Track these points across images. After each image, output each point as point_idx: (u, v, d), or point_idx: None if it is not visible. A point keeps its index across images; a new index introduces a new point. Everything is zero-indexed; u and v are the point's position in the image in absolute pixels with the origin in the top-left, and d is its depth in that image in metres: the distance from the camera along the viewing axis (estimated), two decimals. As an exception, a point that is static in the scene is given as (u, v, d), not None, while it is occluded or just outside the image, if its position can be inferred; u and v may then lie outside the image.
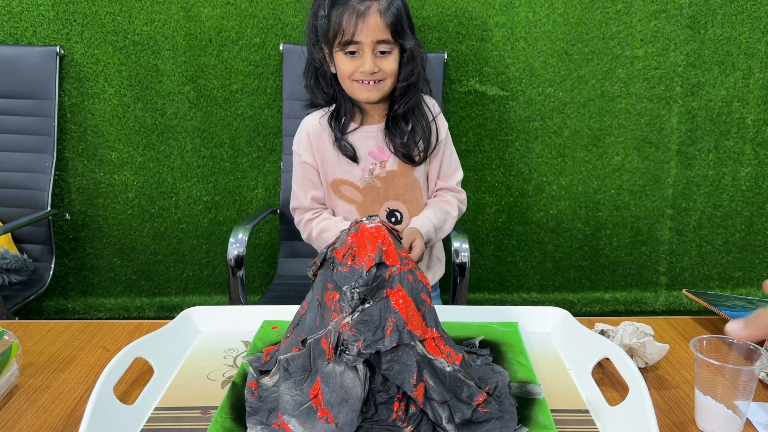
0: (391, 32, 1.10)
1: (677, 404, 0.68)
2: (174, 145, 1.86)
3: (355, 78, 1.12)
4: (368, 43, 1.09)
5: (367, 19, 1.07)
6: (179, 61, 1.78)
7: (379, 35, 1.09)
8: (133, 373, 0.72)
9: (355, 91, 1.14)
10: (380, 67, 1.11)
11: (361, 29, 1.07)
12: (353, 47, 1.10)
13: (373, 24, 1.08)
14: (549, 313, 0.83)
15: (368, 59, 1.09)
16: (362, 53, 1.10)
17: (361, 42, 1.09)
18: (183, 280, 2.02)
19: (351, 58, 1.11)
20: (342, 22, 1.08)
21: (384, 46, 1.10)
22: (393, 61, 1.12)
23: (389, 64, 1.12)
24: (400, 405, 0.58)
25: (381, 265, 0.60)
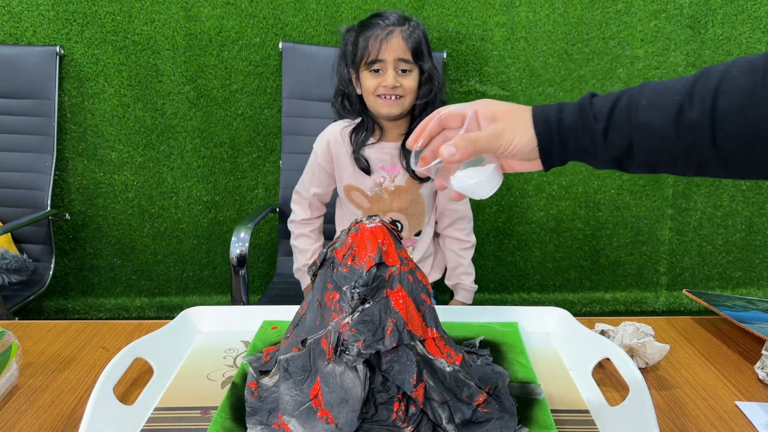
0: (411, 53, 1.21)
1: (678, 404, 0.67)
2: (174, 145, 1.86)
3: (378, 93, 1.22)
4: (390, 60, 1.20)
5: (391, 40, 1.19)
6: (179, 61, 1.78)
7: (401, 54, 1.20)
8: (133, 373, 0.72)
9: (378, 107, 1.24)
10: (401, 83, 1.21)
11: (385, 49, 1.20)
12: (377, 65, 1.21)
13: (395, 45, 1.20)
14: (549, 313, 0.83)
15: (390, 74, 1.20)
16: (385, 70, 1.21)
17: (384, 60, 1.20)
18: (183, 280, 2.02)
19: (375, 75, 1.22)
20: (368, 45, 1.20)
21: (405, 64, 1.21)
22: (413, 79, 1.23)
23: (409, 81, 1.22)
24: (400, 405, 0.58)
25: (381, 265, 0.60)
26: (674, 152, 0.52)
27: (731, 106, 0.48)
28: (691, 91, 0.51)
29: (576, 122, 0.56)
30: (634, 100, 0.53)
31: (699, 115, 0.50)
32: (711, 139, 0.50)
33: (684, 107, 0.51)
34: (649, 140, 0.53)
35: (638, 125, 0.53)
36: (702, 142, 0.50)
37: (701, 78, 0.51)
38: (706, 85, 0.50)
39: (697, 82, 0.51)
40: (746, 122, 0.48)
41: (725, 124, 0.49)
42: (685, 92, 0.51)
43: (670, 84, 0.53)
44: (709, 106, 0.49)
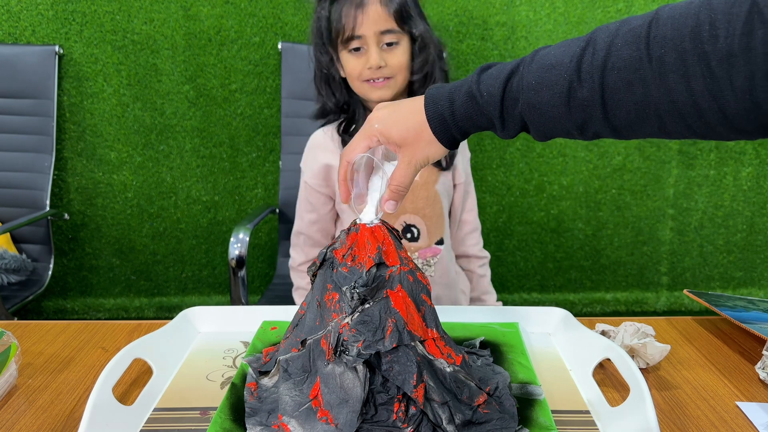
0: (396, 20, 1.00)
1: (678, 405, 0.67)
2: (173, 145, 1.86)
3: (363, 78, 1.04)
4: (371, 35, 1.00)
5: (367, 9, 0.99)
6: (178, 60, 1.78)
7: (382, 25, 1.00)
8: (132, 373, 0.72)
9: (367, 92, 1.06)
10: (387, 61, 1.02)
11: (362, 21, 0.99)
12: (357, 43, 1.01)
13: (373, 14, 0.99)
14: (550, 313, 0.83)
15: (373, 53, 1.00)
16: (367, 48, 1.01)
17: (363, 35, 1.00)
18: (182, 281, 2.02)
19: (356, 55, 1.03)
20: (341, 17, 1.00)
21: (389, 36, 1.01)
22: (401, 53, 1.03)
23: (397, 57, 1.02)
24: (400, 406, 0.58)
25: (381, 266, 0.59)
26: (568, 126, 0.53)
27: (619, 84, 0.48)
28: (579, 68, 0.50)
29: (470, 111, 0.56)
30: (525, 79, 0.53)
31: (589, 93, 0.49)
32: (603, 114, 0.50)
33: (573, 86, 0.50)
34: (543, 118, 0.53)
35: (530, 105, 0.53)
36: (594, 117, 0.50)
37: (588, 48, 0.50)
38: (593, 60, 0.49)
39: (584, 55, 0.50)
40: (634, 98, 0.48)
41: (615, 101, 0.49)
42: (573, 69, 0.50)
43: (558, 56, 0.52)
44: (598, 84, 0.49)
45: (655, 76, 0.46)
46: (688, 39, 0.45)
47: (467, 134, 0.59)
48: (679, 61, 0.45)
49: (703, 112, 0.45)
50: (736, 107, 0.44)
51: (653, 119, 0.48)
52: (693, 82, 0.45)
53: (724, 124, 0.45)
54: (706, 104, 0.45)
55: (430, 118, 0.57)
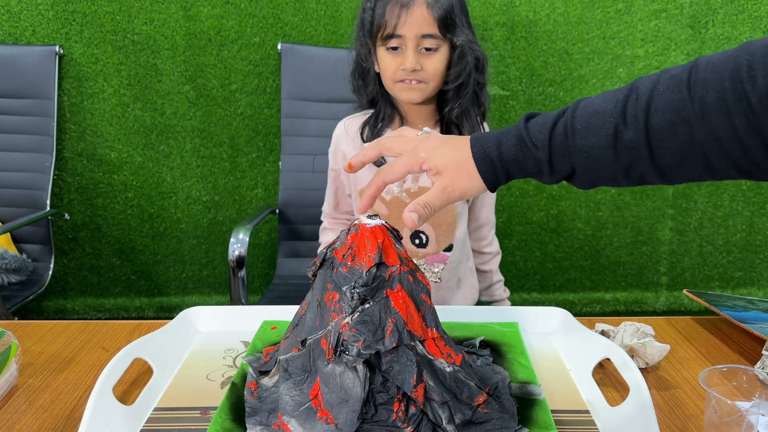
0: (439, 26, 0.99)
1: (678, 405, 0.67)
2: (173, 145, 1.86)
3: (397, 78, 1.02)
4: (411, 37, 0.98)
5: (412, 10, 0.97)
6: (178, 60, 1.78)
7: (425, 29, 0.98)
8: (132, 373, 0.72)
9: (398, 92, 1.05)
10: (423, 65, 1.00)
11: (404, 21, 0.97)
12: (395, 42, 1.00)
13: (418, 16, 0.97)
14: (549, 313, 0.83)
15: (410, 55, 0.99)
16: (405, 48, 1.00)
17: (403, 36, 0.99)
18: (182, 280, 2.02)
19: (393, 54, 1.01)
20: (385, 13, 0.99)
21: (429, 41, 1.00)
22: (439, 60, 1.01)
23: (434, 63, 1.01)
24: (400, 405, 0.58)
25: (381, 265, 0.59)
26: (615, 171, 0.54)
27: (663, 124, 0.50)
28: (623, 112, 0.52)
29: (518, 155, 0.58)
30: (570, 125, 0.55)
31: (634, 134, 0.51)
32: (649, 155, 0.52)
33: (619, 129, 0.52)
34: (591, 162, 0.55)
35: (578, 149, 0.55)
36: (640, 158, 0.52)
37: (631, 95, 0.52)
38: (637, 104, 0.51)
39: (628, 101, 0.52)
40: (679, 138, 0.50)
41: (660, 141, 0.51)
42: (618, 113, 0.52)
43: (602, 104, 0.54)
44: (643, 125, 0.51)
45: (697, 116, 0.48)
46: (727, 80, 0.47)
47: (511, 178, 0.60)
48: (721, 100, 0.47)
49: (747, 148, 0.47)
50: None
51: (699, 158, 0.50)
52: (735, 120, 0.47)
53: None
54: (750, 140, 0.47)
55: (477, 156, 0.58)
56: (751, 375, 0.61)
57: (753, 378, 0.61)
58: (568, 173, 0.57)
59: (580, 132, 0.54)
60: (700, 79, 0.49)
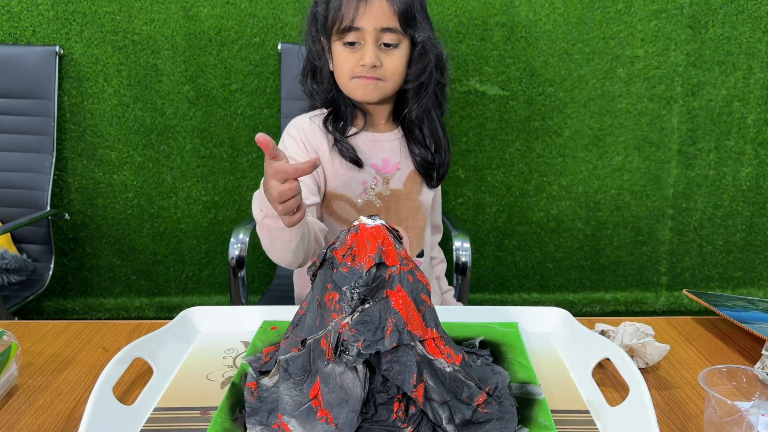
0: (399, 20, 0.93)
1: (678, 405, 0.67)
2: (173, 145, 1.86)
3: (355, 74, 0.96)
4: (371, 30, 0.92)
5: (371, 2, 0.92)
6: (179, 60, 1.78)
7: (384, 22, 0.92)
8: (132, 373, 0.72)
9: (353, 90, 0.98)
10: (382, 62, 0.95)
11: (363, 13, 0.92)
12: (353, 36, 0.93)
13: (377, 8, 0.92)
14: (549, 313, 0.83)
15: (370, 50, 0.93)
16: (364, 43, 0.94)
17: (362, 29, 0.92)
18: (182, 280, 2.02)
19: (351, 50, 0.95)
20: (341, 6, 0.93)
21: (389, 36, 0.93)
22: (399, 57, 0.95)
23: (393, 60, 0.95)
24: (400, 405, 0.58)
25: (381, 266, 0.59)
26: None
27: None
28: None
29: None
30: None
31: None
32: None
33: None
34: None
35: None
36: None
37: None
38: None
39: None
40: None
41: None
42: None
43: None
44: None
45: None
46: None
47: None
48: None
49: None
50: None
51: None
52: None
53: None
54: None
55: None
56: (751, 375, 0.61)
57: (753, 378, 0.61)
58: None
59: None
60: None
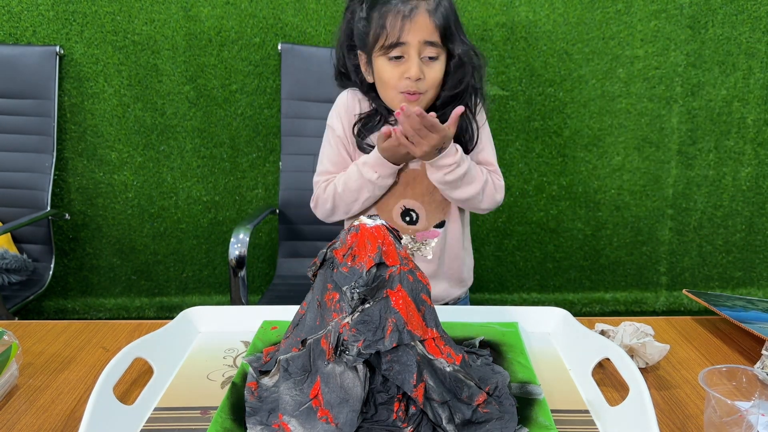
0: (440, 35, 0.99)
1: (678, 404, 0.67)
2: (174, 145, 1.86)
3: (401, 89, 1.01)
4: (415, 44, 0.98)
5: (415, 18, 0.97)
6: (179, 60, 1.78)
7: (428, 36, 0.98)
8: (132, 373, 0.72)
9: (397, 103, 1.02)
10: (425, 74, 1.00)
11: (409, 29, 0.97)
12: (398, 50, 0.99)
13: (421, 24, 0.97)
14: (549, 313, 0.83)
15: (414, 63, 0.98)
16: (408, 57, 0.99)
17: (407, 43, 0.98)
18: (183, 280, 2.02)
19: (395, 63, 1.00)
20: (386, 24, 0.97)
21: (431, 49, 0.99)
22: (438, 69, 1.01)
23: (434, 72, 1.01)
24: (400, 405, 0.58)
25: (381, 265, 0.59)
26: None
27: None
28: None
29: None
30: None
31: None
32: None
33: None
34: None
35: None
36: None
37: None
38: None
39: None
40: None
41: None
42: None
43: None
44: None
45: None
46: None
47: None
48: None
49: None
50: None
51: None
52: None
53: None
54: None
55: None
56: (751, 375, 0.61)
57: (753, 378, 0.61)
58: None
59: None
60: None
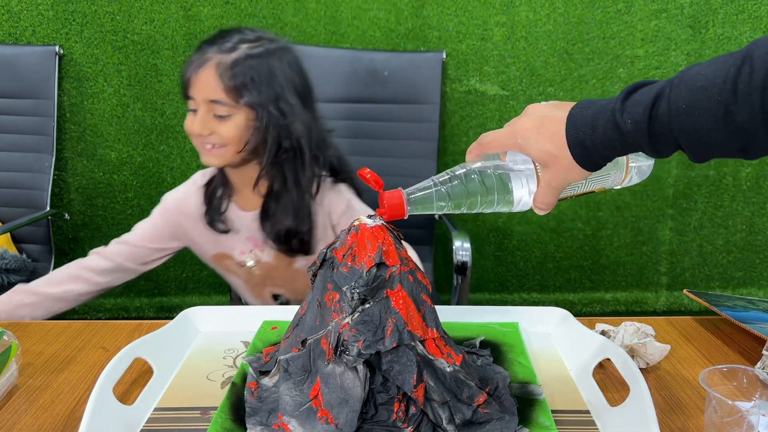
0: (230, 93, 0.93)
1: (678, 405, 0.67)
2: (173, 145, 1.86)
3: (194, 140, 0.98)
4: (201, 100, 0.94)
5: (201, 72, 0.92)
6: (179, 60, 1.78)
7: (211, 94, 0.93)
8: (132, 373, 0.72)
9: (199, 153, 1.00)
10: (215, 129, 0.95)
11: (194, 83, 0.93)
12: (192, 103, 0.95)
13: (204, 80, 0.92)
14: (549, 313, 0.83)
15: (198, 119, 0.94)
16: (198, 110, 0.95)
17: (193, 97, 0.94)
18: (182, 280, 2.02)
19: (191, 114, 0.96)
20: (184, 73, 0.95)
21: (220, 108, 0.94)
22: (233, 126, 0.94)
23: (226, 129, 0.94)
24: (401, 406, 0.58)
25: (381, 266, 0.59)
26: (728, 150, 0.49)
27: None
28: (734, 88, 0.45)
29: (615, 142, 0.53)
30: (674, 103, 0.49)
31: (749, 115, 0.45)
32: (766, 135, 0.46)
33: (730, 109, 0.46)
34: (697, 143, 0.49)
35: (682, 131, 0.49)
36: (757, 141, 0.47)
37: (744, 67, 0.45)
38: (751, 80, 0.45)
39: (740, 75, 0.45)
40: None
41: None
42: (729, 90, 0.45)
43: (710, 76, 0.47)
44: (758, 105, 0.44)
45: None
46: None
47: (610, 159, 0.57)
48: None
49: None
50: None
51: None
52: None
53: None
54: None
55: (571, 144, 0.55)
56: (752, 375, 0.61)
57: (753, 378, 0.61)
58: (673, 151, 0.52)
59: (685, 111, 0.48)
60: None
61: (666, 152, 0.53)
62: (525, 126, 0.58)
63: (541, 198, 0.58)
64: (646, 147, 0.52)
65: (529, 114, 0.58)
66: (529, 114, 0.58)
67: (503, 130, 0.60)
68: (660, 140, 0.51)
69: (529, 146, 0.57)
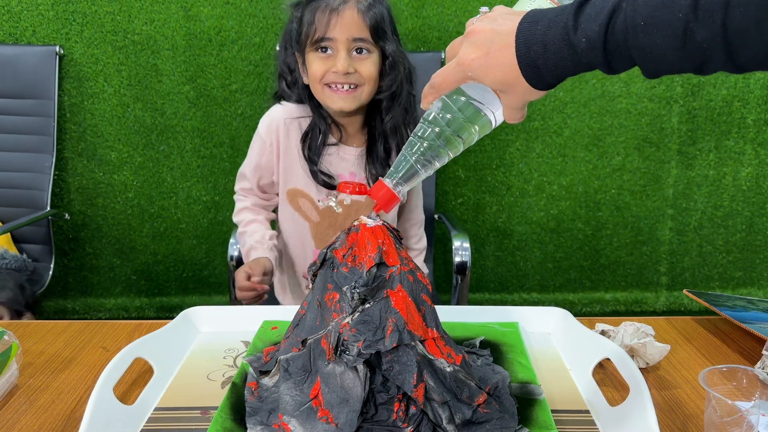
0: (370, 32, 0.98)
1: (678, 405, 0.67)
2: (173, 145, 1.86)
3: (327, 81, 0.99)
4: (343, 40, 0.97)
5: (343, 14, 0.96)
6: (179, 60, 1.78)
7: (356, 32, 0.97)
8: (132, 373, 0.72)
9: (327, 99, 1.01)
10: (356, 68, 0.98)
11: (335, 24, 0.96)
12: (326, 43, 0.98)
13: (349, 19, 0.97)
14: (549, 313, 0.83)
15: (342, 57, 0.97)
16: (335, 51, 0.98)
17: (334, 38, 0.97)
18: (183, 280, 2.02)
19: (323, 57, 0.99)
20: (314, 20, 0.97)
21: (361, 44, 0.98)
22: (371, 63, 1.00)
23: (367, 66, 0.99)
24: (401, 405, 0.58)
25: (381, 265, 0.59)
26: (684, 68, 0.48)
27: (745, 24, 0.42)
28: (695, 5, 0.43)
29: (567, 62, 0.51)
30: (631, 20, 0.47)
31: (708, 34, 0.43)
32: (726, 56, 0.44)
33: (690, 26, 0.44)
34: (655, 62, 0.48)
35: (640, 49, 0.47)
36: (715, 59, 0.45)
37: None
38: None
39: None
40: (765, 38, 0.42)
41: (741, 41, 0.43)
42: (689, 7, 0.44)
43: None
44: (719, 24, 0.43)
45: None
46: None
47: (562, 80, 0.55)
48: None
49: None
50: None
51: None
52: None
53: None
54: None
55: (523, 67, 0.52)
56: (751, 375, 0.61)
57: (753, 378, 0.61)
58: (629, 67, 0.50)
59: (643, 29, 0.46)
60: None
61: (620, 70, 0.51)
62: (470, 57, 0.55)
63: (509, 118, 0.58)
64: (601, 65, 0.51)
65: (472, 41, 0.55)
66: (472, 41, 0.55)
67: (450, 67, 0.57)
68: (615, 58, 0.49)
69: (481, 78, 0.55)
